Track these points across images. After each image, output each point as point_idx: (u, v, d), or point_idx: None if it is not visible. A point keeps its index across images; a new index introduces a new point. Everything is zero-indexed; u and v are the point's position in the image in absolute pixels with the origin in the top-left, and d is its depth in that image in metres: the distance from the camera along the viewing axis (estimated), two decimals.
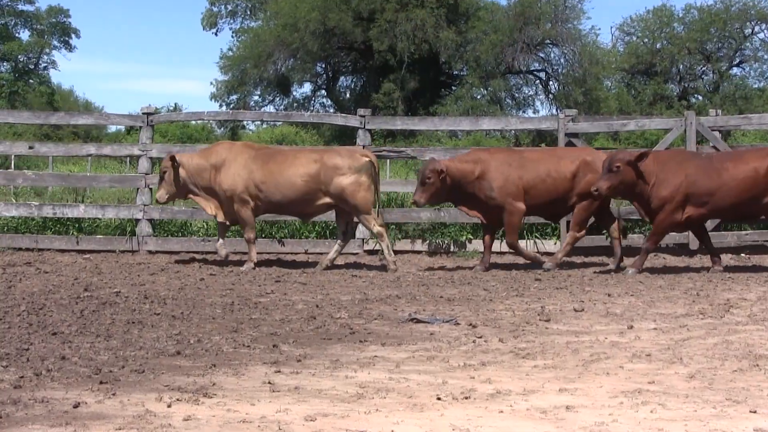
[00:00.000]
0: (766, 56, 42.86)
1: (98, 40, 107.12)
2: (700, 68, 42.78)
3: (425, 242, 13.15)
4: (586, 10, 45.82)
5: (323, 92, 41.73)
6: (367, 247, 12.97)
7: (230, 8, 44.56)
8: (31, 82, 53.77)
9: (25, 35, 55.86)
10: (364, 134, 13.20)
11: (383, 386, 5.23)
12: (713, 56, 41.81)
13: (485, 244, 11.60)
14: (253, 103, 39.72)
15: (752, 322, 7.48)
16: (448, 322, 7.42)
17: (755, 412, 4.71)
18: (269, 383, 5.25)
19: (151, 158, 13.15)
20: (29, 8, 56.05)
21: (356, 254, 12.87)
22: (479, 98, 35.86)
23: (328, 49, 36.85)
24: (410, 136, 29.79)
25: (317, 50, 35.90)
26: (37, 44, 55.28)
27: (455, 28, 35.67)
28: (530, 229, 13.18)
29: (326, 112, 38.27)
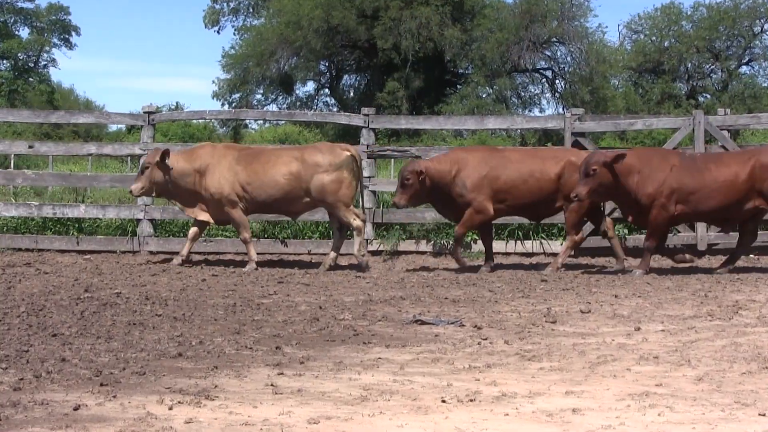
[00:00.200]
0: None
1: (99, 37, 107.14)
2: (708, 67, 42.72)
3: (430, 243, 13.14)
4: (593, 7, 45.90)
5: (326, 91, 41.72)
6: (370, 248, 12.97)
7: (233, 6, 44.57)
8: (30, 80, 53.74)
9: (24, 33, 55.90)
10: (368, 133, 13.20)
11: (387, 388, 5.23)
12: (722, 54, 41.74)
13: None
14: (255, 101, 39.72)
15: (761, 323, 7.48)
16: (452, 323, 7.42)
17: (764, 415, 4.71)
18: (272, 385, 5.26)
19: None
20: (29, 5, 56.10)
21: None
22: (485, 97, 35.83)
23: (331, 47, 36.84)
24: (415, 135, 29.76)
25: (320, 48, 35.89)
26: (36, 42, 55.27)
27: (460, 26, 35.66)
28: (536, 229, 13.17)
29: (330, 111, 38.26)
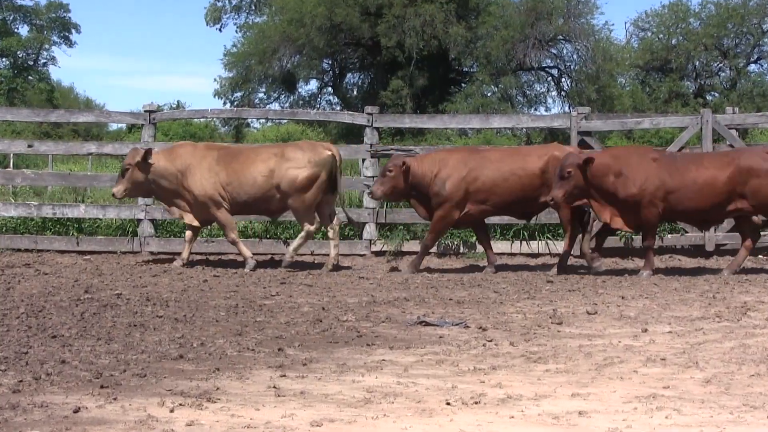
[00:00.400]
0: None
1: (99, 35, 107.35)
2: (716, 65, 42.64)
3: None
4: (599, 5, 45.67)
5: (330, 89, 41.67)
6: (374, 248, 12.97)
7: (234, 3, 44.51)
8: (30, 78, 53.78)
9: (24, 31, 55.93)
10: (371, 132, 13.20)
11: (391, 391, 5.23)
12: (730, 52, 41.67)
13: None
14: (257, 100, 39.67)
15: None
16: (457, 325, 7.42)
17: None
18: (274, 388, 5.26)
19: None
20: (28, 3, 56.15)
21: (363, 255, 12.88)
22: (490, 95, 35.78)
23: (334, 45, 36.80)
24: (419, 134, 29.74)
25: (324, 46, 35.84)
26: (36, 40, 55.30)
27: (465, 23, 35.60)
28: (542, 230, 13.16)
29: (333, 109, 38.22)
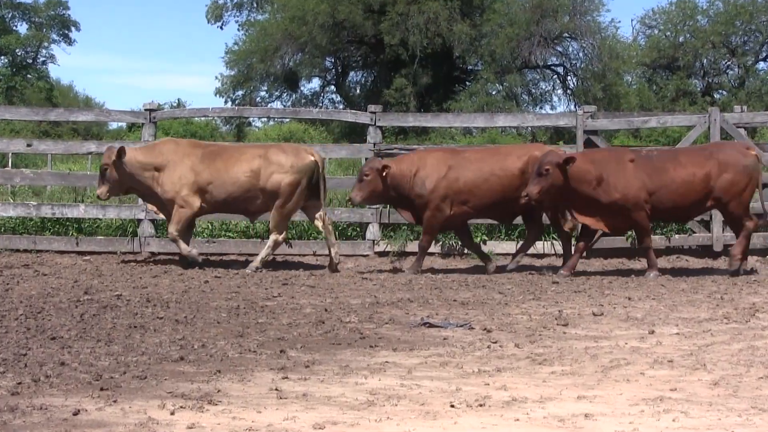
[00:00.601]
0: None
1: (99, 33, 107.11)
2: (724, 63, 42.61)
3: (438, 244, 13.12)
4: (605, 2, 45.59)
5: (332, 88, 41.67)
6: (377, 248, 12.97)
7: (236, 0, 44.57)
8: (29, 77, 53.78)
9: (23, 28, 55.91)
10: (374, 131, 13.20)
11: (394, 393, 5.23)
12: (739, 50, 41.63)
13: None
14: (259, 99, 39.67)
15: None
16: (462, 326, 7.43)
17: None
18: (276, 390, 5.26)
19: None
20: (27, 0, 56.23)
21: (366, 256, 12.88)
22: (494, 94, 35.75)
23: (337, 43, 36.79)
24: (423, 133, 29.73)
25: (326, 44, 35.85)
26: (35, 38, 55.32)
27: (469, 21, 35.58)
28: (547, 230, 13.14)
29: (335, 108, 38.22)
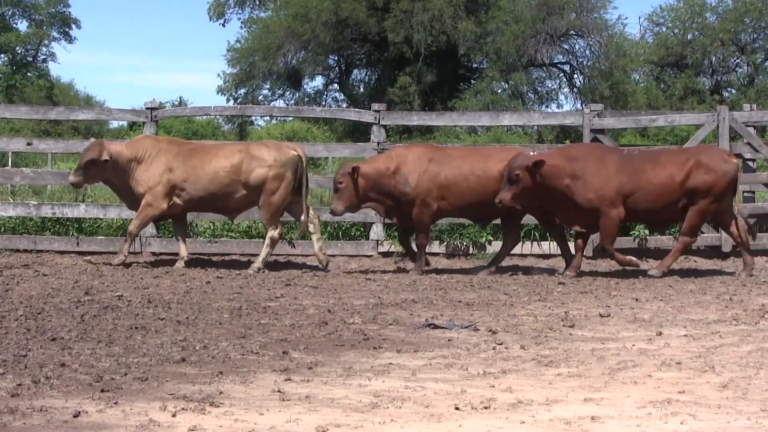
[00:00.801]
0: None
1: (100, 31, 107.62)
2: (733, 60, 42.62)
3: (443, 244, 13.13)
4: None
5: (336, 86, 41.73)
6: (381, 249, 12.97)
7: None
8: (29, 75, 53.88)
9: (23, 26, 56.02)
10: (378, 130, 13.20)
11: (399, 395, 5.23)
12: (748, 48, 41.63)
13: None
14: (262, 97, 39.73)
15: None
16: (466, 327, 7.42)
17: None
18: (279, 392, 5.26)
19: None
20: None
21: (370, 257, 12.88)
22: (500, 92, 35.79)
23: (340, 40, 36.84)
24: (427, 132, 29.79)
25: (329, 42, 35.89)
26: (35, 35, 55.39)
27: (475, 18, 35.60)
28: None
29: (339, 106, 38.27)
